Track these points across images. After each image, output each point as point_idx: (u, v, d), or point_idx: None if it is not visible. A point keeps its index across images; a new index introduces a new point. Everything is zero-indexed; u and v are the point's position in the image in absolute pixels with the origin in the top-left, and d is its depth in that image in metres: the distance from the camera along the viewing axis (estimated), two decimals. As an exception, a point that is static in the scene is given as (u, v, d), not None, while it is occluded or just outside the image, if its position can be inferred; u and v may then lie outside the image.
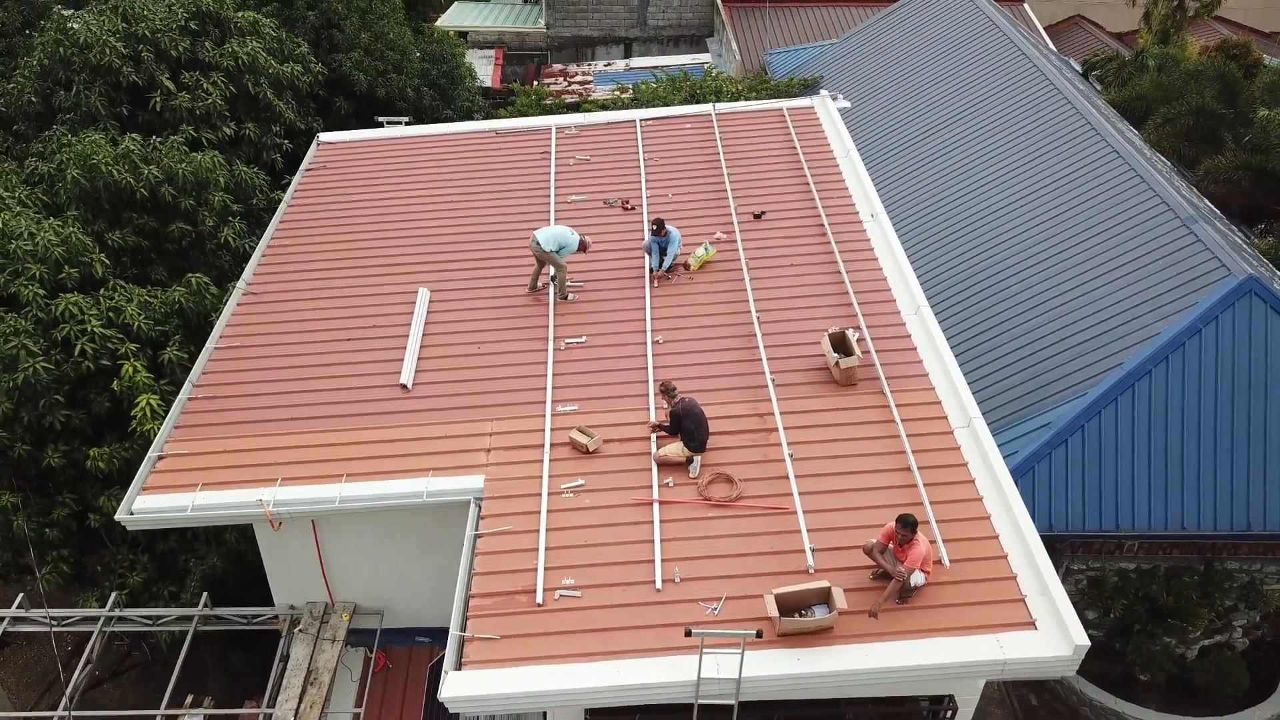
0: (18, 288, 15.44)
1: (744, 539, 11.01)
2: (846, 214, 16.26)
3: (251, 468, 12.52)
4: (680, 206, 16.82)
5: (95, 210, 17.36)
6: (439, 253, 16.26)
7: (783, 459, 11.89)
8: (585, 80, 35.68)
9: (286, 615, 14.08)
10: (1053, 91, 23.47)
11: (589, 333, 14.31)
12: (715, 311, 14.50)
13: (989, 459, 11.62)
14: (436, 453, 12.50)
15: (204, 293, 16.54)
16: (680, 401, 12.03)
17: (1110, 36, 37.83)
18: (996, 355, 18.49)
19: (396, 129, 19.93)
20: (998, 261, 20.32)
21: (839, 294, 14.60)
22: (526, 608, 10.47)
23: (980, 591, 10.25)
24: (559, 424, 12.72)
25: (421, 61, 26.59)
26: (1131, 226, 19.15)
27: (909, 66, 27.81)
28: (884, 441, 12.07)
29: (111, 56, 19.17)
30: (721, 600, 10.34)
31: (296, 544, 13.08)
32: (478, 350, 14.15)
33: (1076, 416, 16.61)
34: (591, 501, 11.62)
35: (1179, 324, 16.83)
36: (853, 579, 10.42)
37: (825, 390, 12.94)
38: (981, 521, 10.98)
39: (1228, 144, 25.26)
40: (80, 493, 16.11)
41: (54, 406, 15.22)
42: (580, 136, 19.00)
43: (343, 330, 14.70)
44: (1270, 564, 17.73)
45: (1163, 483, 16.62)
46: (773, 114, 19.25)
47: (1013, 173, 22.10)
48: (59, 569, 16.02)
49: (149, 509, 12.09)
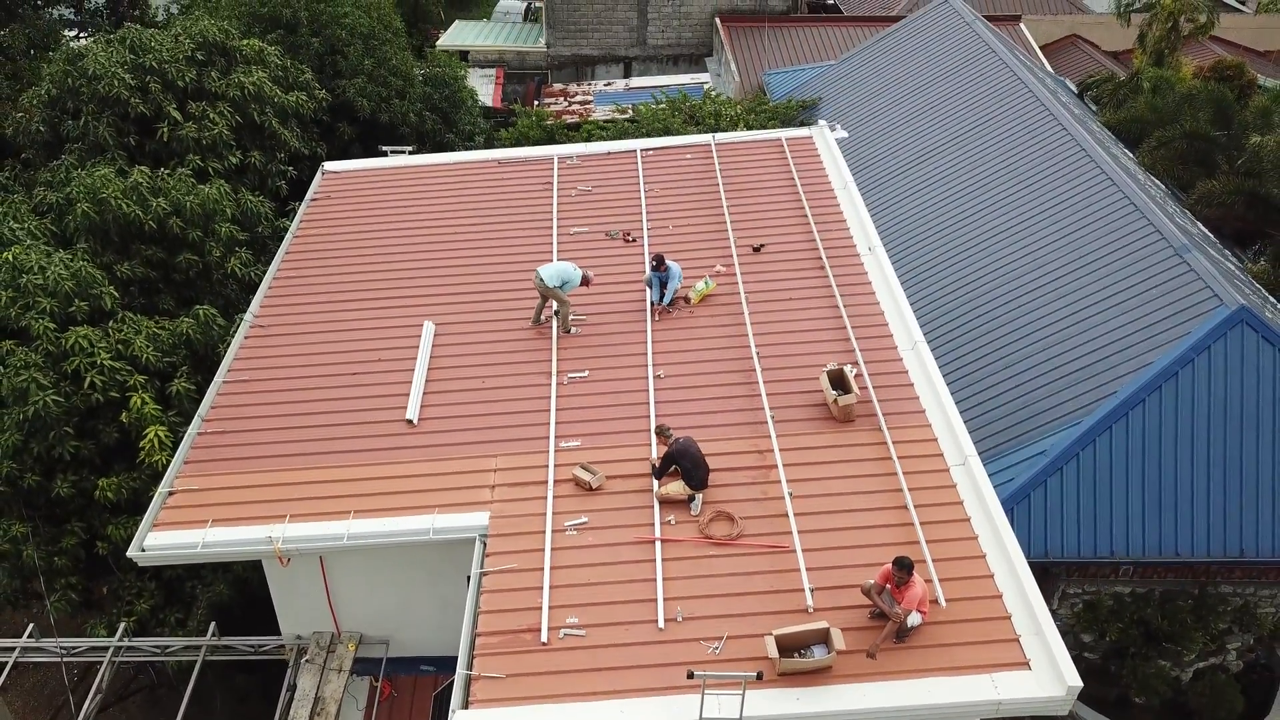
0: (28, 321, 15.69)
1: (744, 578, 11.25)
2: (844, 247, 16.53)
3: (260, 504, 12.75)
4: (680, 239, 17.08)
5: (104, 242, 17.63)
6: (443, 285, 16.51)
7: (782, 497, 12.13)
8: (585, 100, 35.99)
9: (293, 645, 14.31)
10: (1048, 117, 23.75)
11: (591, 367, 14.55)
12: (715, 346, 14.75)
13: (984, 497, 11.87)
14: (442, 489, 12.74)
15: (211, 324, 16.80)
16: (676, 442, 12.26)
17: (1106, 56, 38.15)
18: (992, 383, 18.72)
19: (400, 158, 20.19)
20: (993, 288, 20.57)
21: (837, 329, 14.85)
22: (532, 646, 10.70)
23: (975, 631, 10.50)
24: (562, 460, 12.96)
25: (424, 85, 26.89)
26: (1125, 255, 19.41)
27: (906, 90, 28.11)
28: (881, 479, 12.32)
29: (120, 88, 19.44)
30: (723, 639, 10.57)
31: (304, 576, 13.31)
32: (482, 385, 14.39)
33: (1071, 445, 16.84)
34: (595, 539, 11.86)
35: (1172, 353, 17.08)
36: (851, 618, 10.66)
37: (824, 427, 13.18)
38: (977, 561, 11.23)
39: (1221, 167, 25.52)
40: (88, 521, 16.36)
41: (63, 438, 15.47)
42: (582, 166, 19.27)
43: (349, 364, 14.94)
44: (1264, 587, 17.97)
45: (1157, 509, 16.85)
46: (771, 144, 19.52)
47: (1008, 199, 22.36)
48: (67, 596, 16.28)
49: (161, 545, 12.32)
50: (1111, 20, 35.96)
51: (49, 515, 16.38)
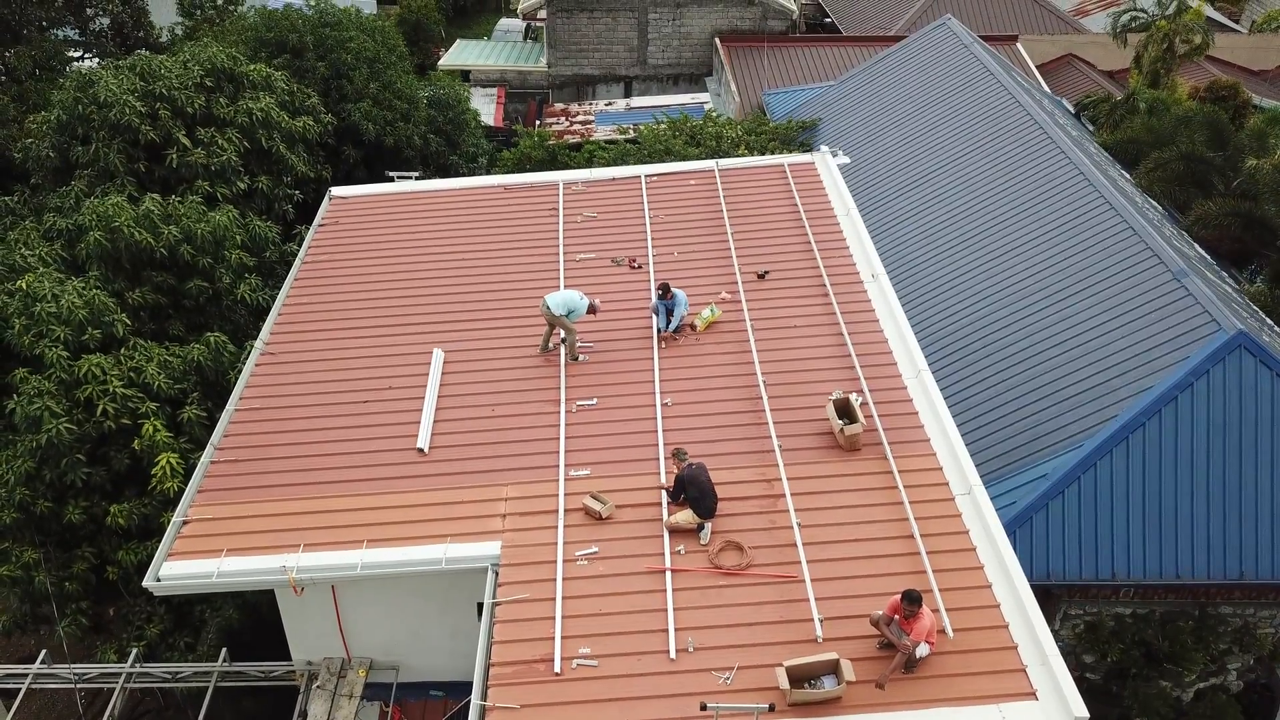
0: (42, 349, 15.85)
1: (754, 608, 11.42)
2: (848, 274, 16.74)
3: (274, 533, 12.90)
4: (685, 265, 17.29)
5: (115, 269, 17.80)
6: (451, 311, 16.68)
7: (790, 526, 12.30)
8: (587, 120, 36.26)
9: (304, 670, 14.44)
10: (1046, 140, 24.02)
11: (599, 395, 14.73)
12: (722, 374, 14.94)
13: (988, 526, 12.06)
14: (454, 518, 12.90)
15: (222, 351, 16.96)
16: (688, 467, 12.44)
17: (1102, 75, 38.50)
18: (993, 406, 18.92)
19: (407, 184, 20.40)
20: (994, 310, 20.79)
21: (842, 356, 15.05)
22: (545, 677, 10.85)
23: (982, 661, 10.67)
24: (572, 488, 13.13)
25: (428, 108, 27.14)
26: (1124, 278, 19.64)
27: (905, 111, 28.38)
28: (888, 509, 12.50)
29: (131, 115, 19.65)
30: (733, 670, 10.73)
31: (315, 604, 13.45)
32: (492, 413, 14.56)
33: (1073, 468, 17.04)
34: (605, 569, 12.02)
35: (1171, 378, 17.29)
36: (860, 648, 10.83)
37: (830, 455, 13.37)
38: (983, 590, 11.40)
39: (1217, 189, 25.81)
40: (99, 546, 16.51)
41: (75, 465, 15.63)
42: (587, 192, 19.49)
43: (360, 392, 15.10)
44: (1263, 608, 18.14)
45: (1157, 532, 17.05)
46: (774, 170, 19.76)
47: (1008, 221, 22.61)
48: (77, 621, 16.41)
49: (176, 575, 12.46)
50: (1108, 40, 36.34)
51: (60, 540, 16.53)
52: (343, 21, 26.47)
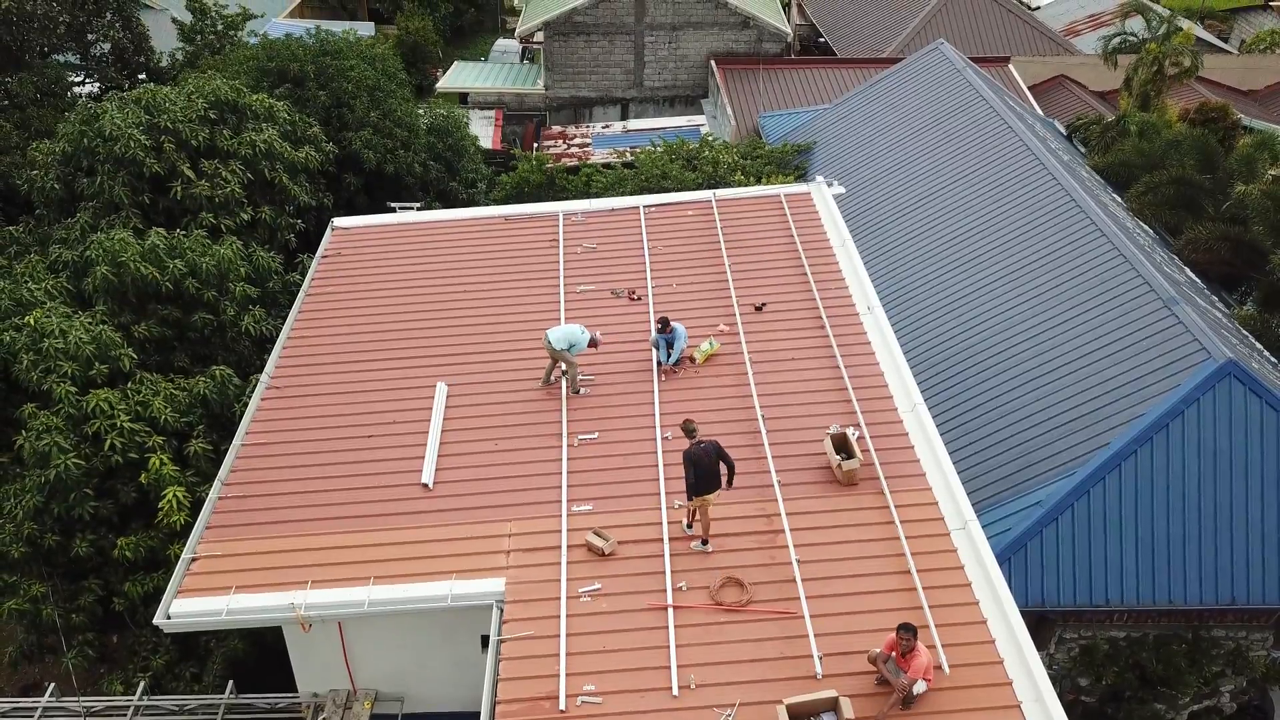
0: (50, 384, 16.06)
1: (754, 644, 11.65)
2: (844, 306, 17.02)
3: (282, 569, 13.11)
4: (684, 297, 17.55)
5: (122, 303, 18.03)
6: (454, 344, 16.92)
7: (790, 561, 12.54)
8: (584, 143, 36.60)
9: (310, 702, 14.61)
10: (1038, 166, 24.34)
11: (601, 428, 14.98)
12: (720, 407, 15.19)
13: (983, 561, 12.31)
14: (459, 554, 13.13)
15: (227, 384, 17.18)
16: (697, 444, 12.66)
17: (1093, 96, 38.93)
18: (987, 432, 19.19)
19: (408, 214, 20.66)
20: (986, 336, 21.06)
21: (838, 389, 15.31)
22: (551, 714, 11.06)
23: (978, 698, 10.91)
24: (575, 524, 13.36)
25: (428, 135, 27.43)
26: (1115, 306, 19.93)
27: (898, 136, 28.73)
28: (885, 544, 12.75)
29: (136, 149, 19.89)
30: (735, 706, 10.95)
31: (322, 638, 13.62)
32: (495, 447, 14.79)
33: (1066, 495, 17.29)
34: (608, 606, 12.24)
35: (1162, 406, 17.57)
36: (859, 684, 11.06)
37: (828, 490, 13.63)
38: (978, 626, 11.65)
39: (1207, 212, 26.14)
40: (105, 578, 16.69)
41: (83, 499, 15.83)
42: (586, 223, 19.77)
43: (365, 426, 15.33)
44: (1255, 631, 18.39)
45: (1150, 557, 17.30)
46: (770, 200, 20.05)
47: (999, 248, 22.91)
48: (84, 652, 16.58)
49: (186, 613, 12.67)
50: (1098, 61, 36.76)
51: (67, 573, 16.71)
52: (343, 50, 26.78)
